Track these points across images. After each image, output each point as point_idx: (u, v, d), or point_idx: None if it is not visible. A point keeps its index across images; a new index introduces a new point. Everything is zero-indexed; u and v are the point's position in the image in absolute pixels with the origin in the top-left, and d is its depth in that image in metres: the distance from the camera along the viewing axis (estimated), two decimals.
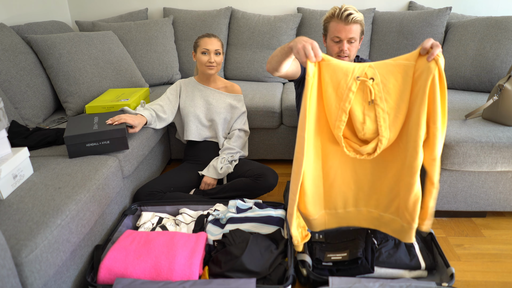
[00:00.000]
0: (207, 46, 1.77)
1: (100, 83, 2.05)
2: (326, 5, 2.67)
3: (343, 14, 1.48)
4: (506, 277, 1.38)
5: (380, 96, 1.07)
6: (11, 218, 1.04)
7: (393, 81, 1.07)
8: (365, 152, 1.10)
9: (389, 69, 1.07)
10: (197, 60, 1.82)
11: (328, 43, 1.59)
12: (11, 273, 0.89)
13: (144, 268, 1.21)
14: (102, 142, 1.47)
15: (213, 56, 1.77)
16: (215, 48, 1.77)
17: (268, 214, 1.48)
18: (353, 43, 1.54)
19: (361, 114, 1.09)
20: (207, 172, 1.79)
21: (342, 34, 1.51)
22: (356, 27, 1.51)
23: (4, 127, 1.21)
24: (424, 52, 1.02)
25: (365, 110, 1.09)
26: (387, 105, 1.07)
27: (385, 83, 1.07)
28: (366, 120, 1.09)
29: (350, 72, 1.08)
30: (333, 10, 1.53)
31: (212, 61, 1.78)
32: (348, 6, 1.50)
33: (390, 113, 1.08)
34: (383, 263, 1.32)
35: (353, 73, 1.08)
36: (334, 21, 1.52)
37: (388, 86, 1.07)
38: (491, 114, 1.65)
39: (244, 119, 1.93)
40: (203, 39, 1.79)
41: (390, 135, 1.09)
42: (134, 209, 1.56)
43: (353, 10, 1.49)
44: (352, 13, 1.48)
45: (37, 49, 1.96)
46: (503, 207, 1.66)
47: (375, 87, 1.07)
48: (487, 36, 2.10)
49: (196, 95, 1.88)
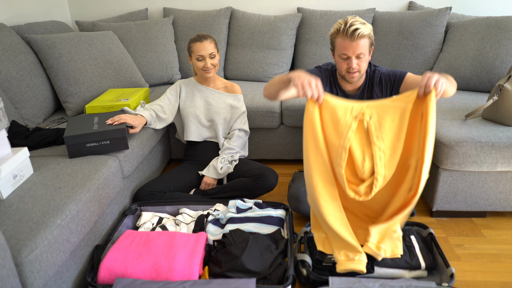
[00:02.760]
0: (200, 52, 1.74)
1: (100, 83, 2.05)
2: (326, 5, 2.68)
3: (349, 30, 1.36)
4: (506, 277, 1.38)
5: (377, 135, 1.11)
6: (11, 218, 1.04)
7: (390, 122, 1.11)
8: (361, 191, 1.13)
9: (385, 109, 1.12)
10: (193, 65, 1.82)
11: (336, 59, 1.49)
12: (11, 273, 0.89)
13: (144, 268, 1.21)
14: (102, 142, 1.47)
15: (208, 61, 1.76)
16: (209, 53, 1.75)
17: (268, 214, 1.48)
18: (362, 58, 1.43)
19: (360, 153, 1.12)
20: (207, 172, 1.79)
21: (349, 51, 1.40)
22: (364, 41, 1.39)
23: (4, 127, 1.21)
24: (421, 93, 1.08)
25: (365, 148, 1.12)
26: (383, 144, 1.11)
27: (381, 122, 1.11)
28: (366, 158, 1.12)
29: (349, 110, 1.12)
30: (338, 25, 1.41)
31: (208, 66, 1.77)
32: (353, 20, 1.38)
33: (386, 152, 1.11)
34: (383, 263, 1.31)
35: (351, 111, 1.12)
36: (340, 38, 1.41)
37: (384, 126, 1.11)
38: (491, 114, 1.65)
39: (244, 119, 1.93)
40: (195, 45, 1.75)
41: (386, 173, 1.11)
42: (134, 209, 1.56)
43: (360, 23, 1.37)
44: (358, 28, 1.36)
45: (37, 49, 1.96)
46: (503, 207, 1.66)
47: (372, 126, 1.11)
48: (487, 36, 2.10)
49: (196, 95, 1.88)
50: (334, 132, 1.12)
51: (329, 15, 2.49)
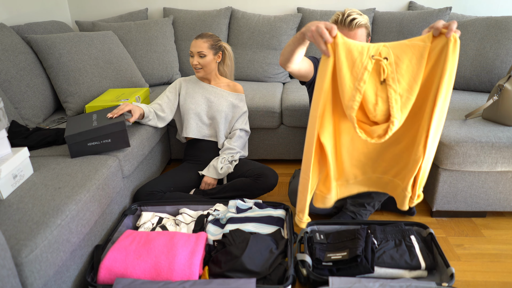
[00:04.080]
0: (191, 48, 1.78)
1: (100, 83, 2.05)
2: (326, 5, 2.68)
3: (346, 20, 1.43)
4: (506, 277, 1.38)
5: (393, 77, 1.06)
6: (11, 218, 1.04)
7: (407, 62, 1.06)
8: (375, 134, 1.10)
9: (403, 49, 1.06)
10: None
11: None
12: (11, 273, 0.89)
13: (144, 268, 1.21)
14: (104, 141, 1.47)
15: (196, 59, 1.78)
16: (197, 51, 1.76)
17: (268, 214, 1.48)
18: None
19: (373, 95, 1.08)
20: (207, 172, 1.79)
21: None
22: (361, 31, 1.45)
23: (4, 127, 1.21)
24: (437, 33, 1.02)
25: (378, 91, 1.08)
26: (400, 86, 1.06)
27: (399, 63, 1.06)
28: (379, 101, 1.08)
29: (365, 51, 1.07)
30: (336, 16, 1.47)
31: (194, 63, 1.78)
32: (350, 11, 1.45)
33: (402, 94, 1.07)
34: (383, 263, 1.32)
35: (368, 52, 1.07)
36: (338, 28, 1.45)
37: (401, 67, 1.06)
38: (491, 114, 1.65)
39: (245, 119, 1.93)
40: (192, 41, 1.80)
41: (402, 117, 1.08)
42: (134, 209, 1.56)
43: (356, 14, 1.44)
44: (355, 18, 1.42)
45: (37, 49, 1.96)
46: (503, 207, 1.66)
47: (388, 67, 1.06)
48: (487, 36, 2.10)
49: (197, 92, 1.88)
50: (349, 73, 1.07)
51: (329, 15, 2.49)
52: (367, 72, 1.06)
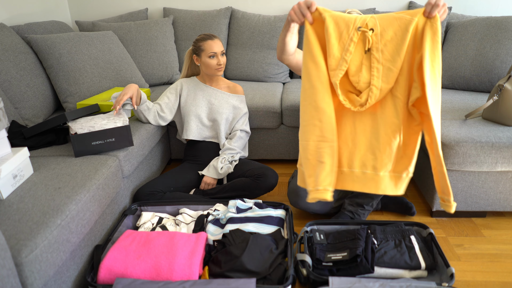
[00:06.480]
0: (213, 49, 1.76)
1: (100, 83, 2.05)
2: (327, 5, 2.68)
3: None
4: (506, 277, 1.38)
5: (377, 47, 1.09)
6: (11, 218, 1.04)
7: (392, 34, 1.09)
8: (358, 102, 1.13)
9: (390, 21, 1.09)
10: (203, 64, 1.81)
11: None
12: (11, 273, 0.89)
13: (144, 268, 1.21)
14: (108, 140, 1.48)
15: (221, 58, 1.79)
16: (221, 50, 1.78)
17: (268, 214, 1.48)
18: None
19: (359, 63, 1.12)
20: (207, 172, 1.79)
21: None
22: None
23: (4, 127, 1.21)
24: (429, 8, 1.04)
25: (363, 60, 1.12)
26: (382, 56, 1.09)
27: (384, 34, 1.09)
28: (363, 69, 1.12)
29: (352, 22, 1.11)
30: None
31: (220, 63, 1.79)
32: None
33: (384, 64, 1.10)
34: (383, 263, 1.32)
35: (354, 23, 1.10)
36: None
37: (386, 38, 1.09)
38: (491, 114, 1.65)
39: (245, 120, 1.94)
40: (207, 42, 1.77)
41: (382, 86, 1.10)
42: (134, 209, 1.56)
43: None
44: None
45: (37, 49, 1.96)
46: (503, 207, 1.66)
47: (373, 37, 1.09)
48: (487, 36, 2.10)
49: (198, 94, 1.88)
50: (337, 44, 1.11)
51: None
52: (353, 44, 1.10)
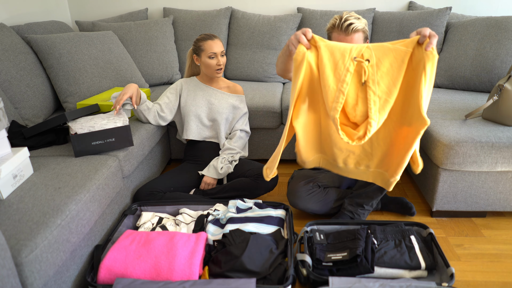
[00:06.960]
0: (213, 50, 1.76)
1: (100, 83, 2.05)
2: (326, 5, 2.68)
3: (343, 25, 1.42)
4: (506, 277, 1.38)
5: (373, 79, 1.08)
6: (11, 218, 1.04)
7: (388, 66, 1.08)
8: (356, 136, 1.12)
9: (385, 52, 1.08)
10: (203, 64, 1.81)
11: None
12: (11, 273, 0.89)
13: (144, 268, 1.21)
14: (108, 140, 1.48)
15: (220, 59, 1.78)
16: (221, 50, 1.78)
17: (268, 214, 1.48)
18: None
19: (354, 96, 1.11)
20: (207, 172, 1.79)
21: None
22: (358, 35, 1.44)
23: (4, 127, 1.21)
24: (423, 40, 1.04)
25: (359, 92, 1.10)
26: (379, 88, 1.08)
27: (380, 66, 1.08)
28: (359, 101, 1.11)
29: (347, 52, 1.09)
30: (334, 20, 1.47)
31: (220, 63, 1.78)
32: (348, 15, 1.43)
33: (381, 96, 1.09)
34: (383, 263, 1.32)
35: (350, 53, 1.09)
36: (336, 32, 1.46)
37: (382, 70, 1.08)
38: (491, 114, 1.65)
39: (245, 120, 1.94)
40: (207, 43, 1.76)
41: (380, 118, 1.10)
42: (134, 209, 1.56)
43: (354, 18, 1.43)
44: (352, 23, 1.41)
45: (37, 49, 1.96)
46: (503, 207, 1.66)
47: (369, 69, 1.08)
48: (487, 36, 2.10)
49: (198, 94, 1.88)
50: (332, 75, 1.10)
51: (329, 15, 2.49)
52: (349, 74, 1.08)
